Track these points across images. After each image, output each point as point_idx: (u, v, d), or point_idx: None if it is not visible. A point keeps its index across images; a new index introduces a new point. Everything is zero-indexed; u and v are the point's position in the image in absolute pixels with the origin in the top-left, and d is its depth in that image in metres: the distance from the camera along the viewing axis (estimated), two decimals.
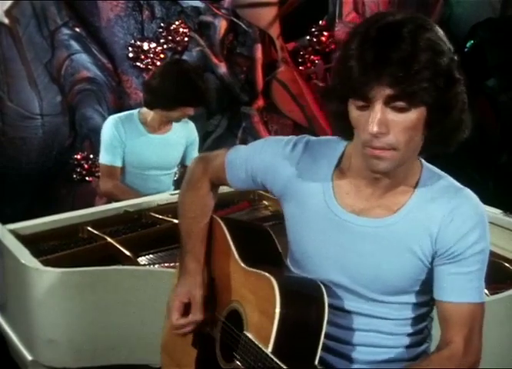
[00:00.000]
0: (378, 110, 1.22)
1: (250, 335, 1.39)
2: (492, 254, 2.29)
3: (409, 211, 1.35)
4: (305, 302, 1.36)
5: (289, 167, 1.44)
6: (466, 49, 4.96)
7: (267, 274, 1.40)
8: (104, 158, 3.05)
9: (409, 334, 1.44)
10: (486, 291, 2.10)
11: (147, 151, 3.07)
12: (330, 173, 1.41)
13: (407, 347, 1.45)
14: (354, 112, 1.27)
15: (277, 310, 1.33)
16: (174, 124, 3.14)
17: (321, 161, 1.43)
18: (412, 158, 1.34)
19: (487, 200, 1.34)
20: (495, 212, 2.54)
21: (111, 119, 3.07)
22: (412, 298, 1.41)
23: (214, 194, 1.67)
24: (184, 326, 1.58)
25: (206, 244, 1.64)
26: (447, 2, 5.02)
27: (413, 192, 1.36)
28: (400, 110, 1.22)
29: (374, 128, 1.22)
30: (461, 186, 1.38)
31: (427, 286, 1.39)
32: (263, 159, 1.48)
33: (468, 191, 1.37)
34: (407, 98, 1.21)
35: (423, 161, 1.41)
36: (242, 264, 1.51)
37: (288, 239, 1.50)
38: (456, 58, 1.27)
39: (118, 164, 3.05)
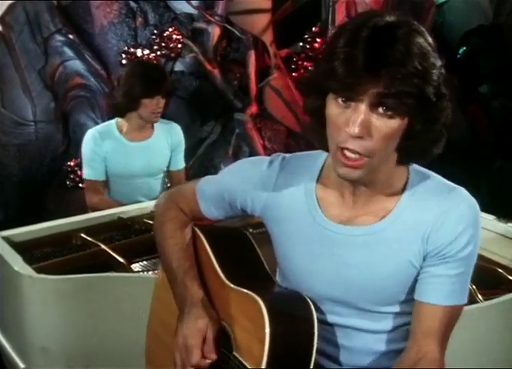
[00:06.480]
0: (362, 110, 1.15)
1: (239, 356, 1.36)
2: (486, 260, 2.33)
3: (398, 215, 1.30)
4: (294, 319, 1.33)
5: (268, 185, 1.39)
6: (458, 56, 4.98)
7: (252, 293, 1.35)
8: (87, 174, 3.05)
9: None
10: (480, 297, 2.11)
11: (129, 160, 3.05)
12: (313, 186, 1.36)
13: None
14: (333, 109, 1.19)
15: (267, 330, 1.28)
16: (156, 128, 3.11)
17: (302, 176, 1.38)
18: (386, 165, 1.27)
19: (480, 206, 1.32)
20: (489, 218, 2.54)
21: (89, 134, 3.05)
22: (407, 307, 1.35)
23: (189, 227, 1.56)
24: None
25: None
26: (439, 9, 5.05)
27: (400, 196, 1.31)
28: (385, 115, 1.16)
29: (356, 129, 1.15)
30: (454, 185, 1.33)
31: None
32: (240, 181, 1.43)
33: (462, 191, 1.31)
34: (395, 101, 1.13)
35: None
36: (227, 282, 1.44)
37: (276, 256, 1.45)
38: (443, 72, 1.20)
39: (101, 178, 3.05)
